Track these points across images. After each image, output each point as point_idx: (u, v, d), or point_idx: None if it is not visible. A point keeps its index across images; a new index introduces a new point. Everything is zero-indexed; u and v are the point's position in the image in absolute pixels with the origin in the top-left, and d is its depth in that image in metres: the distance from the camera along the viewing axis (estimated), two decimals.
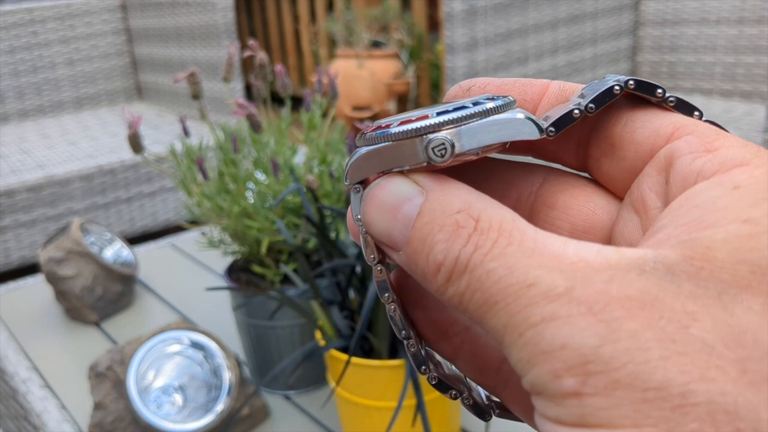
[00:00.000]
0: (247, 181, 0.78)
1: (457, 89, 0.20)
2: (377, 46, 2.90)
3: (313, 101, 0.82)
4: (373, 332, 0.62)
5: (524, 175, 0.20)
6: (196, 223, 0.84)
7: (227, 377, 0.73)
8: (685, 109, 0.18)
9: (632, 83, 0.18)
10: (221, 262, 1.07)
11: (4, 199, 1.58)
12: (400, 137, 0.17)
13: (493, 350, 0.20)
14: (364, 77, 2.78)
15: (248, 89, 2.28)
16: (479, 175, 0.20)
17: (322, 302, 0.63)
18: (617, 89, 0.18)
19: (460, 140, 0.17)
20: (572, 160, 0.20)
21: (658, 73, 1.87)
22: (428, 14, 2.90)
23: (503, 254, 0.15)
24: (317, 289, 0.62)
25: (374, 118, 2.74)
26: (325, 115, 0.82)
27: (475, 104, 0.17)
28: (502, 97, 0.18)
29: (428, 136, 0.17)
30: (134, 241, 1.65)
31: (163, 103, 2.16)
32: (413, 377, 0.57)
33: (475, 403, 0.20)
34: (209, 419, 0.71)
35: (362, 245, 0.18)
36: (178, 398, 0.73)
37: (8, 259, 1.63)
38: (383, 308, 0.60)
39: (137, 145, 0.81)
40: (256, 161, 0.79)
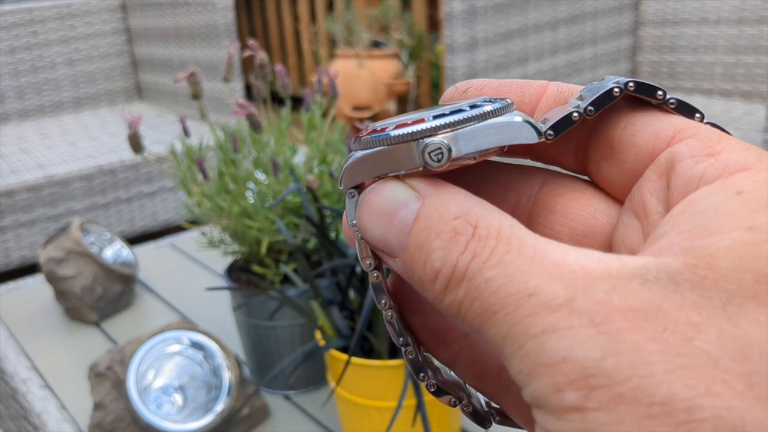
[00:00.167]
0: (247, 181, 0.78)
1: (453, 91, 0.20)
2: (377, 46, 2.90)
3: (313, 101, 0.82)
4: (373, 332, 0.62)
5: (523, 178, 0.20)
6: (196, 223, 0.84)
7: (227, 377, 0.73)
8: (686, 111, 0.18)
9: (632, 85, 0.17)
10: (221, 262, 1.07)
11: (4, 199, 1.58)
12: (395, 141, 0.17)
13: (492, 357, 0.19)
14: (364, 77, 2.78)
15: (248, 89, 2.28)
16: (476, 178, 0.20)
17: (322, 302, 0.63)
18: (617, 91, 0.17)
19: (456, 144, 0.16)
20: (571, 162, 0.20)
21: (658, 73, 1.87)
22: (428, 14, 2.90)
23: (502, 262, 0.15)
24: (317, 289, 0.62)
25: (374, 118, 2.74)
26: (325, 115, 0.82)
27: (472, 107, 0.17)
28: (499, 99, 0.18)
29: (424, 140, 0.16)
30: (134, 241, 1.65)
31: (163, 103, 2.16)
32: (413, 377, 0.57)
33: (474, 410, 0.19)
34: (209, 419, 0.71)
35: (357, 251, 0.18)
36: (178, 398, 0.73)
37: (8, 259, 1.63)
38: None
39: (137, 145, 0.81)
40: (256, 161, 0.79)
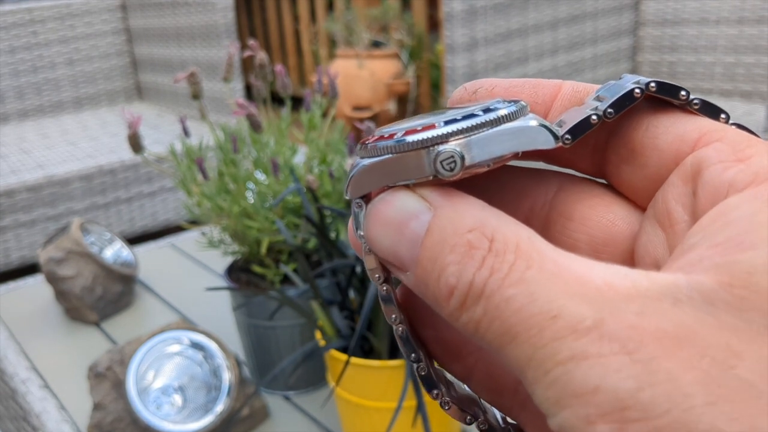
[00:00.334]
0: (247, 181, 0.78)
1: (462, 92, 0.19)
2: (377, 46, 2.90)
3: (313, 101, 0.82)
4: (373, 332, 0.62)
5: (537, 183, 0.19)
6: (196, 223, 0.84)
7: (227, 377, 0.73)
8: (710, 111, 0.17)
9: (653, 85, 0.17)
10: (221, 262, 1.07)
11: (4, 199, 1.58)
12: (405, 149, 0.16)
13: (509, 372, 0.18)
14: (364, 77, 2.78)
15: (248, 89, 2.27)
16: (488, 185, 0.19)
17: (322, 302, 0.63)
18: (638, 93, 0.17)
19: (470, 152, 0.15)
20: (588, 166, 0.19)
21: (658, 73, 1.87)
22: (428, 14, 2.90)
23: (522, 279, 0.14)
24: (317, 289, 0.62)
25: (374, 118, 2.74)
26: (325, 115, 0.82)
27: (485, 111, 0.16)
28: (513, 101, 0.17)
29: (436, 147, 0.15)
30: (134, 241, 1.65)
31: (163, 103, 2.16)
32: (413, 378, 0.57)
33: (490, 426, 0.19)
34: (209, 420, 0.71)
35: (365, 263, 0.17)
36: (177, 399, 0.73)
37: (8, 259, 1.62)
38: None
39: (137, 145, 0.81)
40: (256, 161, 0.79)
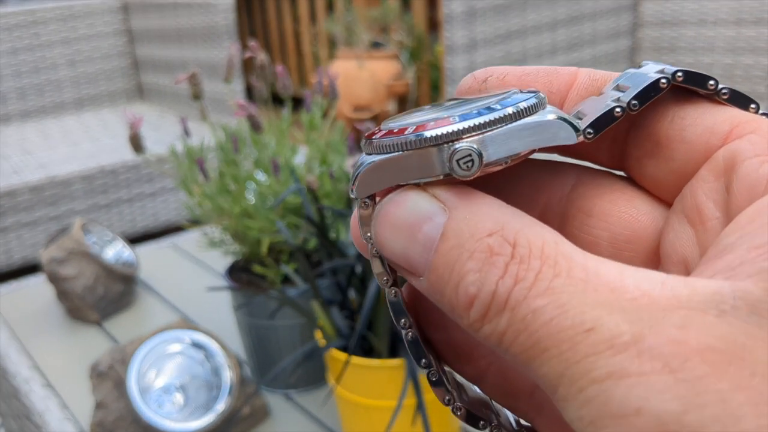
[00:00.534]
0: (247, 181, 0.78)
1: (471, 80, 0.18)
2: (377, 47, 2.90)
3: (313, 102, 0.82)
4: (373, 331, 0.62)
5: (553, 177, 0.18)
6: (197, 223, 0.85)
7: (228, 377, 0.74)
8: (740, 101, 0.16)
9: (680, 75, 0.15)
10: (222, 262, 1.08)
11: (6, 199, 1.59)
12: (417, 146, 0.15)
13: (525, 375, 0.17)
14: (364, 78, 2.78)
15: (249, 90, 2.28)
16: (500, 179, 0.17)
17: (322, 302, 0.63)
18: (663, 83, 0.15)
19: (486, 149, 0.14)
20: (606, 158, 0.18)
21: None
22: (428, 15, 2.91)
23: (550, 289, 0.13)
24: (317, 289, 0.63)
25: (374, 119, 2.74)
26: (325, 115, 0.83)
27: (501, 102, 0.15)
28: (531, 92, 0.16)
29: (452, 145, 0.14)
30: (135, 241, 1.65)
31: (164, 103, 2.17)
32: (413, 377, 0.58)
33: (504, 431, 0.18)
34: (210, 418, 0.71)
35: (372, 266, 0.16)
36: (179, 397, 0.73)
37: (10, 259, 1.63)
38: (383, 308, 0.60)
39: (138, 145, 0.82)
40: (256, 161, 0.79)
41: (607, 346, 0.12)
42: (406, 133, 0.15)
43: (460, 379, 0.18)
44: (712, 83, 0.15)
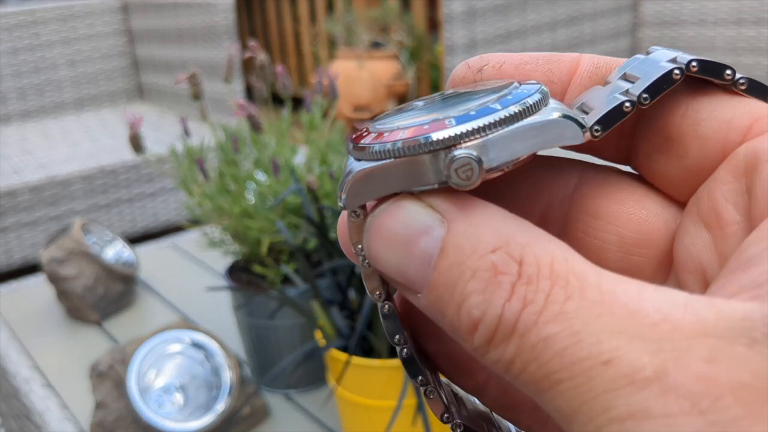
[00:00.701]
0: (247, 181, 0.78)
1: (465, 69, 0.17)
2: (377, 47, 2.91)
3: (313, 102, 0.82)
4: (373, 331, 0.62)
5: (554, 174, 0.16)
6: (197, 223, 0.85)
7: (228, 377, 0.74)
8: (759, 92, 0.14)
9: (695, 65, 0.14)
10: (222, 262, 1.08)
11: (6, 199, 1.59)
12: (411, 153, 0.13)
13: None
14: (364, 78, 2.78)
15: (249, 90, 2.28)
16: (497, 179, 0.16)
17: (322, 302, 0.63)
18: (677, 74, 0.14)
19: (487, 154, 0.13)
20: (612, 153, 0.16)
21: None
22: (428, 15, 2.91)
23: (563, 314, 0.12)
24: (317, 289, 0.63)
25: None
26: (325, 115, 0.83)
27: (501, 100, 0.14)
28: (532, 85, 0.14)
29: (449, 152, 0.13)
30: (135, 241, 1.65)
31: (164, 103, 2.17)
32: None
33: None
34: (210, 418, 0.71)
35: (364, 279, 0.15)
36: (179, 398, 0.73)
37: (10, 259, 1.63)
38: None
39: (138, 145, 0.82)
40: (256, 161, 0.79)
41: (627, 381, 0.11)
42: (397, 138, 0.14)
43: (458, 390, 0.17)
44: (728, 73, 0.14)
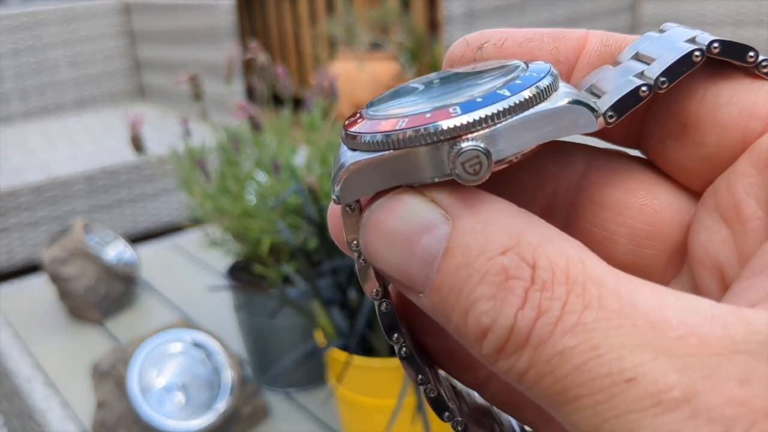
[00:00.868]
0: (248, 181, 0.79)
1: (463, 47, 0.15)
2: (377, 47, 2.91)
3: (313, 103, 0.83)
4: (373, 331, 0.63)
5: (560, 160, 0.15)
6: (198, 223, 0.85)
7: (228, 376, 0.74)
8: None
9: (717, 46, 0.13)
10: (223, 262, 1.08)
11: (8, 199, 1.60)
12: (414, 143, 0.12)
13: None
14: (364, 79, 2.79)
15: (249, 91, 2.28)
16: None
17: (322, 302, 0.64)
18: (698, 56, 0.13)
19: (495, 144, 0.12)
20: (621, 137, 0.15)
21: None
22: (428, 16, 2.91)
23: (581, 325, 0.11)
24: (317, 288, 0.63)
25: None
26: (325, 116, 0.83)
27: (509, 85, 0.13)
28: (540, 67, 0.13)
29: (455, 143, 0.12)
30: (137, 240, 1.66)
31: (165, 104, 2.17)
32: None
33: None
34: (211, 418, 0.72)
35: (359, 276, 0.14)
36: (180, 397, 0.74)
37: (12, 259, 1.64)
38: None
39: (139, 146, 0.82)
40: (257, 162, 0.80)
41: (652, 402, 0.10)
42: (396, 127, 0.12)
43: (457, 384, 0.16)
44: (752, 55, 0.13)
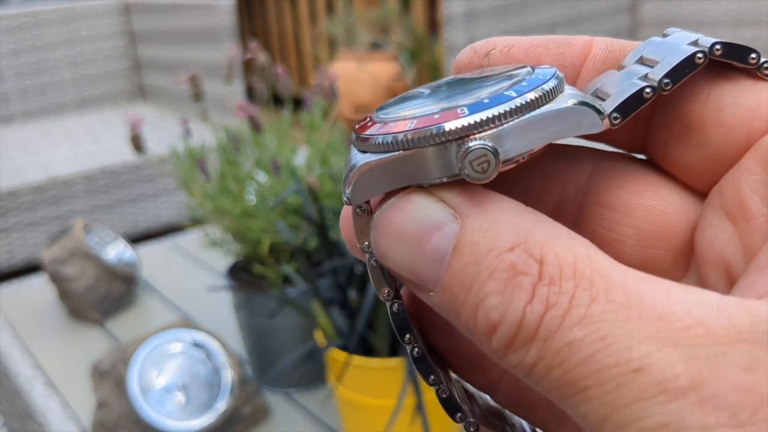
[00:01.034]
0: (248, 181, 0.79)
1: (470, 54, 0.16)
2: (377, 48, 2.91)
3: (313, 103, 0.83)
4: (373, 331, 0.63)
5: (567, 163, 0.16)
6: (198, 223, 0.85)
7: (228, 376, 0.74)
8: None
9: (719, 48, 0.13)
10: (223, 262, 1.08)
11: (8, 199, 1.60)
12: (422, 144, 0.12)
13: None
14: (364, 79, 2.79)
15: (249, 91, 2.29)
16: (510, 170, 0.15)
17: (322, 302, 0.64)
18: (700, 58, 0.13)
19: (503, 144, 0.12)
20: (626, 140, 0.15)
21: None
22: (428, 16, 2.91)
23: (588, 317, 0.11)
24: (317, 288, 0.63)
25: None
26: (325, 116, 0.83)
27: (516, 87, 0.13)
28: (546, 70, 0.14)
29: (462, 143, 0.12)
30: (137, 240, 1.66)
31: (165, 104, 2.17)
32: (413, 376, 0.58)
33: None
34: (211, 418, 0.72)
35: (371, 278, 0.14)
36: (180, 397, 0.74)
37: (12, 259, 1.64)
38: (383, 307, 0.61)
39: (139, 146, 0.82)
40: (257, 162, 0.80)
41: (659, 390, 0.10)
42: (405, 128, 0.13)
43: (468, 387, 0.17)
44: (753, 57, 0.13)
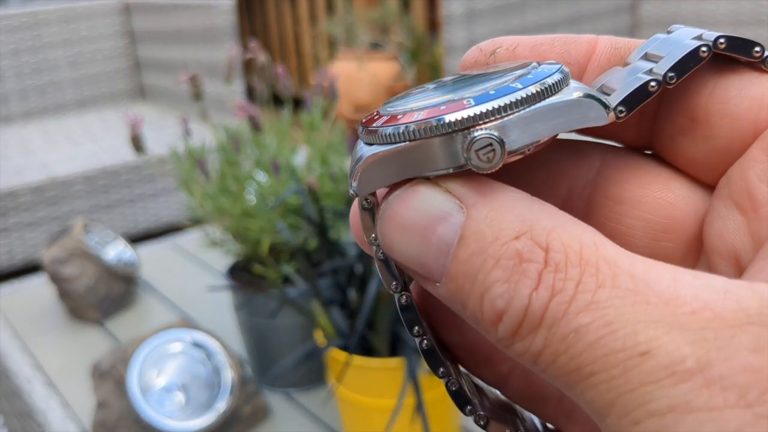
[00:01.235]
0: (248, 181, 0.79)
1: (476, 53, 0.16)
2: (377, 47, 2.91)
3: (313, 103, 0.83)
4: (373, 331, 0.63)
5: (575, 158, 0.16)
6: (198, 223, 0.85)
7: (228, 376, 0.74)
8: None
9: (722, 42, 0.14)
10: (223, 262, 1.08)
11: (8, 199, 1.60)
12: (427, 135, 0.13)
13: None
14: (364, 79, 2.79)
15: (249, 91, 2.29)
16: (516, 164, 0.15)
17: (322, 302, 0.64)
18: (704, 51, 0.14)
19: (508, 135, 0.12)
20: (633, 136, 0.16)
21: None
22: (428, 16, 2.91)
23: (594, 303, 0.11)
24: (317, 288, 0.63)
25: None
26: (325, 116, 0.83)
27: (522, 79, 0.13)
28: (552, 65, 0.14)
29: (468, 132, 0.12)
30: (137, 240, 1.66)
31: (165, 104, 2.17)
32: (413, 376, 0.58)
33: None
34: (211, 418, 0.72)
35: (379, 271, 0.14)
36: (180, 397, 0.74)
37: (12, 259, 1.64)
38: (383, 307, 0.61)
39: (139, 146, 0.82)
40: (257, 162, 0.80)
41: (667, 373, 0.10)
42: (413, 119, 0.13)
43: (478, 381, 0.17)
44: (757, 50, 0.14)
